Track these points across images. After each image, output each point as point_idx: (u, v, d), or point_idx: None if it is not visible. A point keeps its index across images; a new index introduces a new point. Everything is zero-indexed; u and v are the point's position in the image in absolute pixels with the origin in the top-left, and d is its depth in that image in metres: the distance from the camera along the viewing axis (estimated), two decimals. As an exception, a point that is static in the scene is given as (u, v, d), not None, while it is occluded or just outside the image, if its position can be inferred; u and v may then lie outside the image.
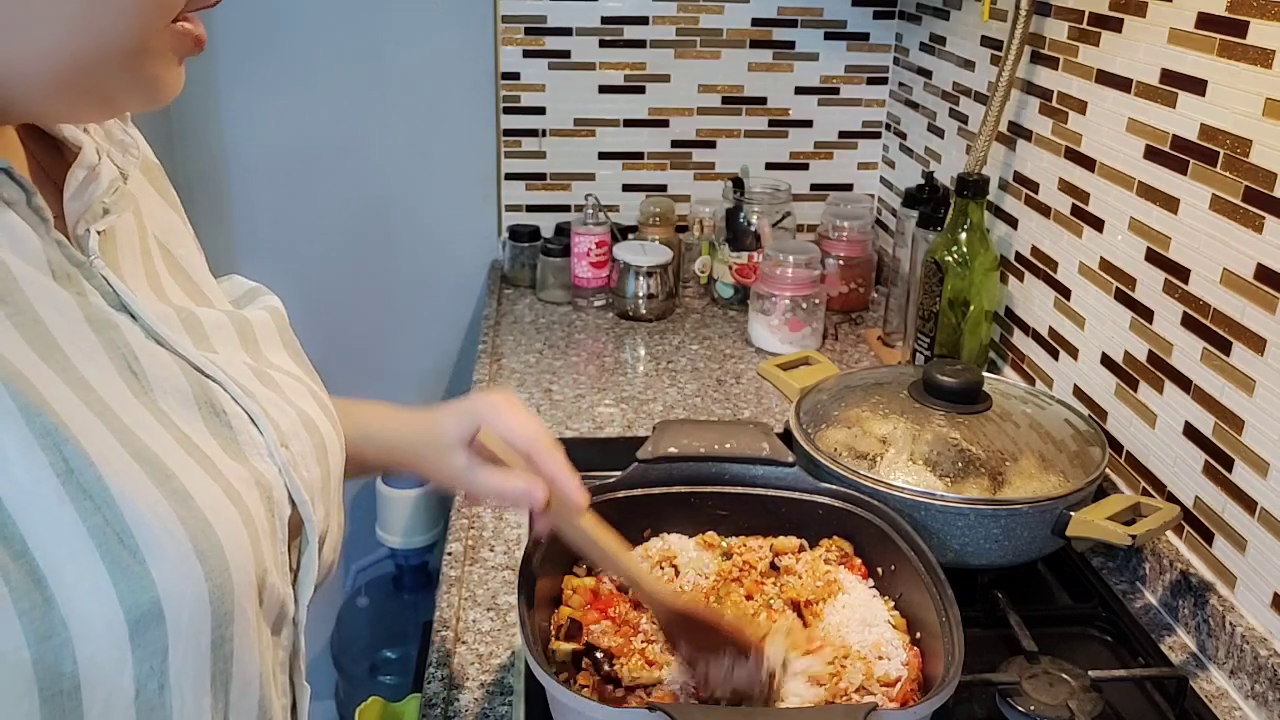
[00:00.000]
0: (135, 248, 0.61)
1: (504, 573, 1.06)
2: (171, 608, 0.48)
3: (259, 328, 0.66)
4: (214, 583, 0.50)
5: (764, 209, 1.72)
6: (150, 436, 0.51)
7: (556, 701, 0.73)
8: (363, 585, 2.04)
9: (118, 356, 0.52)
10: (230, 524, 0.52)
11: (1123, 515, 0.97)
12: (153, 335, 0.56)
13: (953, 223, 1.33)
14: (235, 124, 1.81)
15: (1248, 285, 0.94)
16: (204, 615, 0.50)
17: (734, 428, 0.98)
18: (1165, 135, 1.05)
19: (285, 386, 0.64)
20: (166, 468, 0.50)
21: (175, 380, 0.54)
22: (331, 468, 0.65)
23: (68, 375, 0.49)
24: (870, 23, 1.81)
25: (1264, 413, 0.92)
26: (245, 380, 0.60)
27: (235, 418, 0.57)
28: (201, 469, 0.52)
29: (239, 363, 0.61)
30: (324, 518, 0.63)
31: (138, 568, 0.47)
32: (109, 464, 0.47)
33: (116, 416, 0.50)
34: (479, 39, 1.78)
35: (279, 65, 1.78)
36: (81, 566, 0.46)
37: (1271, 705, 0.88)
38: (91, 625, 0.46)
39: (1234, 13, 0.95)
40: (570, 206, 1.86)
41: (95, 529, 0.46)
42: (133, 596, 0.47)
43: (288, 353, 0.68)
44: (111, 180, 0.59)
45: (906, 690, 0.77)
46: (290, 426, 0.61)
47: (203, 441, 0.54)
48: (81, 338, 0.51)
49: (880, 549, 0.89)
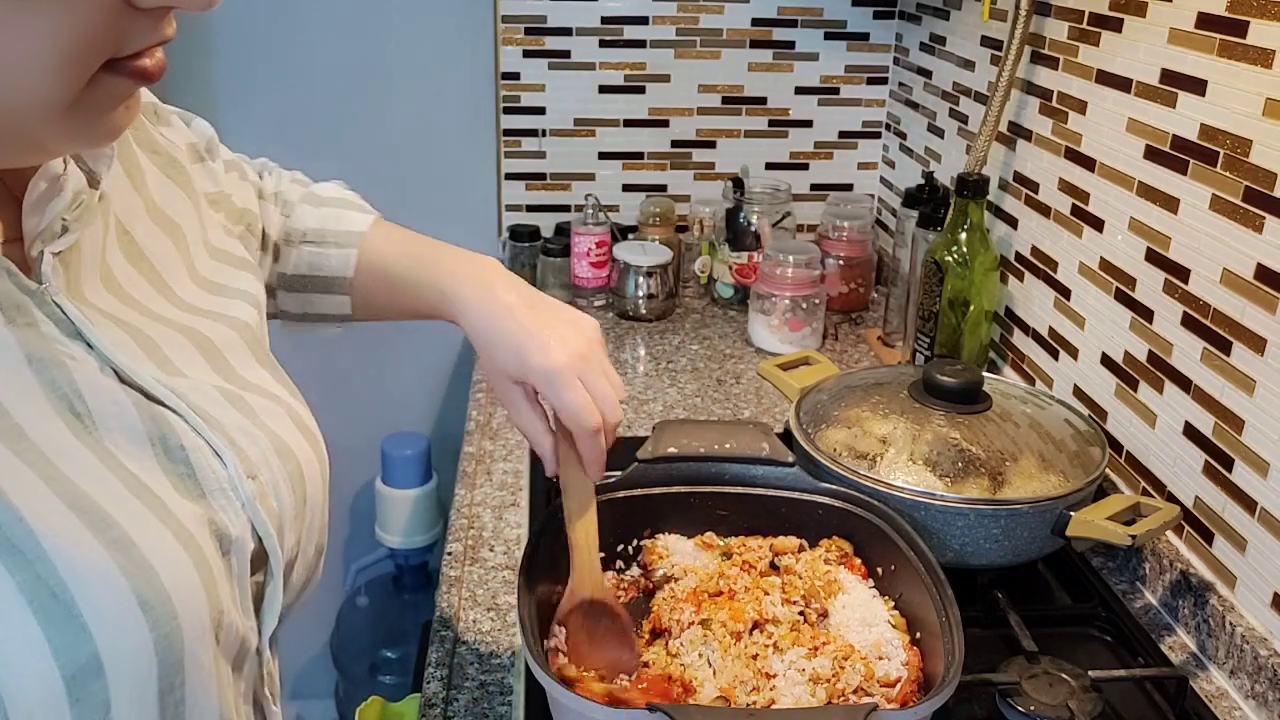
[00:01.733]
0: (96, 248, 0.58)
1: (504, 573, 1.06)
2: (111, 660, 0.46)
3: (225, 346, 0.63)
4: (160, 631, 0.48)
5: (764, 209, 1.72)
6: (90, 482, 0.49)
7: (557, 702, 0.73)
8: (363, 585, 2.04)
9: (59, 397, 0.50)
10: (178, 569, 0.50)
11: (1123, 515, 0.96)
12: (108, 364, 0.53)
13: (953, 223, 1.33)
14: (235, 123, 1.80)
15: (1248, 285, 0.94)
16: (149, 665, 0.48)
17: (734, 428, 0.97)
18: (1165, 135, 1.05)
19: (258, 409, 0.61)
20: (107, 515, 0.48)
21: (125, 417, 0.52)
22: (309, 492, 0.62)
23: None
24: (870, 23, 1.81)
25: (1264, 413, 0.92)
26: (211, 408, 0.58)
27: (195, 451, 0.55)
28: (150, 512, 0.50)
29: (207, 386, 0.59)
30: (294, 545, 0.61)
31: (72, 622, 0.45)
32: (40, 517, 0.46)
33: (51, 464, 0.48)
34: (479, 39, 1.78)
35: (278, 65, 1.78)
36: (13, 623, 0.44)
37: (1271, 705, 0.88)
38: (25, 682, 0.44)
39: (1234, 13, 0.95)
40: (570, 206, 1.86)
41: (25, 584, 0.45)
42: (68, 652, 0.45)
43: (264, 369, 0.65)
44: (76, 193, 0.56)
45: (906, 690, 0.77)
46: (259, 455, 0.58)
47: (153, 481, 0.52)
48: (19, 379, 0.49)
49: (880, 549, 0.89)
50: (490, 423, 1.36)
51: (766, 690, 0.76)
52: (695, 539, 0.93)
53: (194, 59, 1.75)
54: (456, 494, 1.20)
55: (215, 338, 0.63)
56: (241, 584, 0.56)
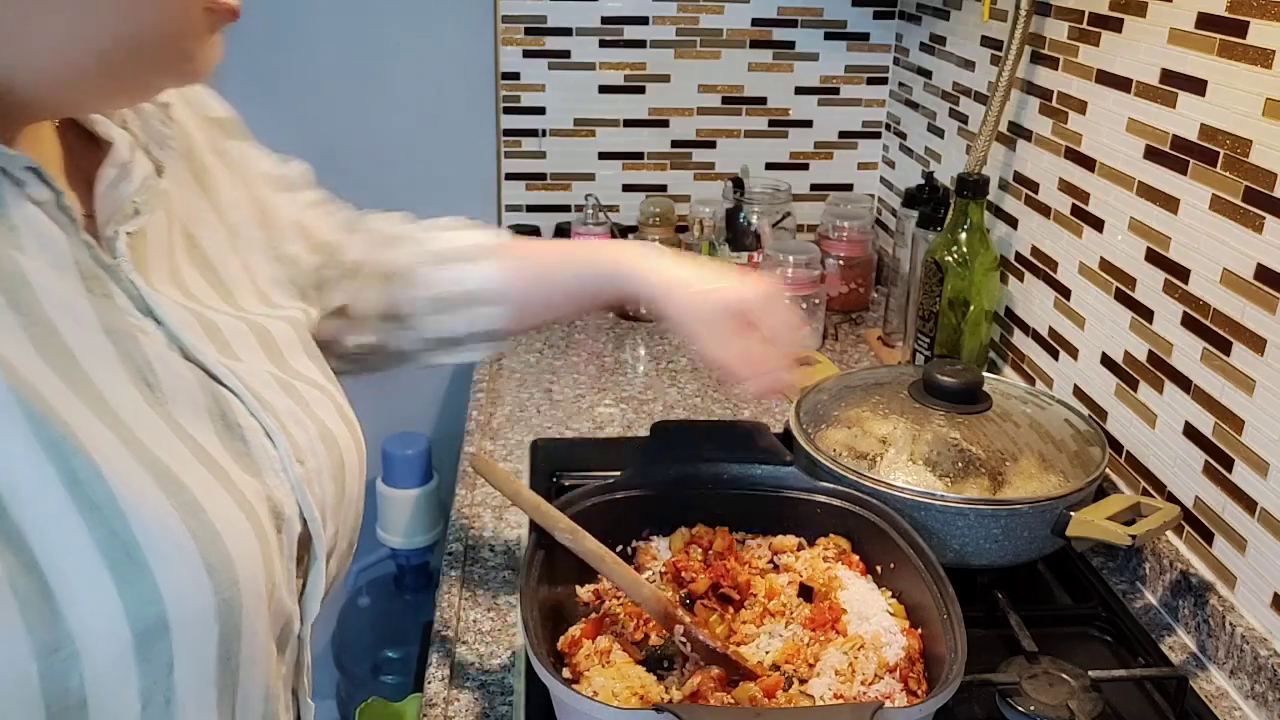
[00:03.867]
0: (163, 244, 0.60)
1: (504, 573, 1.06)
2: (177, 620, 0.47)
3: (280, 336, 0.65)
4: (221, 596, 0.49)
5: (764, 209, 1.72)
6: (163, 447, 0.50)
7: (560, 702, 0.73)
8: (364, 585, 2.04)
9: (132, 367, 0.52)
10: (242, 537, 0.51)
11: (1123, 515, 0.96)
12: (175, 341, 0.55)
13: (953, 223, 1.33)
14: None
15: (1248, 285, 0.94)
16: (210, 628, 0.49)
17: (732, 427, 0.98)
18: (1165, 135, 1.05)
19: (309, 397, 0.63)
20: (178, 479, 0.50)
21: (190, 392, 0.54)
22: (348, 484, 0.64)
23: (80, 386, 0.48)
24: (870, 23, 1.81)
25: (1264, 413, 0.92)
26: (265, 391, 0.59)
27: (250, 431, 0.56)
28: (215, 480, 0.52)
29: (262, 371, 0.61)
30: (333, 535, 0.62)
31: (145, 580, 0.46)
32: (118, 475, 0.47)
33: (128, 427, 0.49)
34: (479, 39, 1.78)
35: (279, 64, 1.78)
36: (88, 578, 0.45)
37: (1271, 705, 0.88)
38: (98, 637, 0.45)
39: (1234, 13, 0.95)
40: (570, 206, 1.86)
41: (102, 540, 0.46)
42: (139, 608, 0.46)
43: (313, 362, 0.68)
44: (144, 178, 0.59)
45: (905, 670, 0.78)
46: (307, 442, 0.60)
47: (217, 453, 0.53)
48: (98, 347, 0.51)
49: (879, 546, 0.89)
50: (490, 423, 1.36)
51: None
52: (670, 538, 0.93)
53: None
54: (457, 494, 1.20)
55: (271, 329, 0.65)
56: (289, 564, 0.57)
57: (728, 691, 0.76)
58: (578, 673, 0.78)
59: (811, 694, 0.76)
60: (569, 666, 0.80)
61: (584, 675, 0.78)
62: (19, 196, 0.50)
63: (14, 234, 0.50)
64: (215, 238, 0.67)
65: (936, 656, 0.78)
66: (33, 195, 0.51)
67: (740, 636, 0.83)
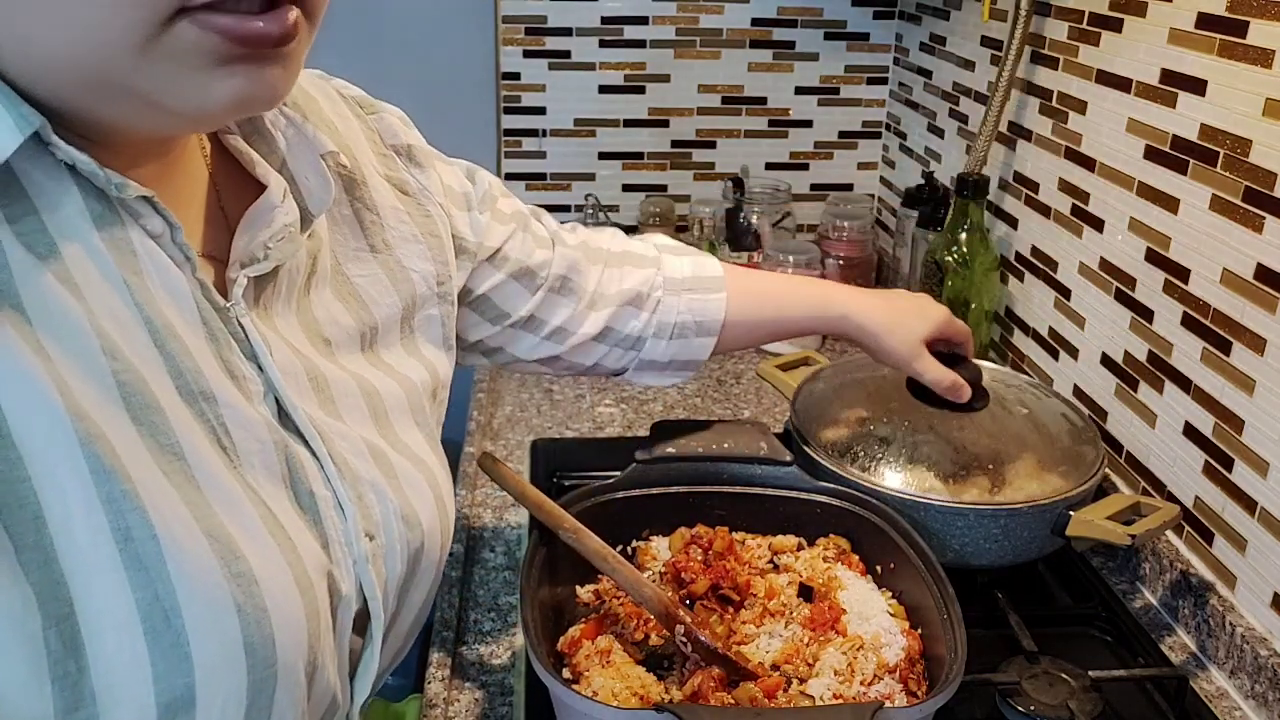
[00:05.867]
0: (296, 285, 0.59)
1: (504, 573, 1.06)
2: (205, 696, 0.46)
3: (389, 399, 0.64)
4: (255, 676, 0.48)
5: (764, 209, 1.72)
6: (230, 513, 0.49)
7: (560, 702, 0.73)
8: (363, 585, 2.04)
9: (208, 429, 0.50)
10: (291, 616, 0.50)
11: (1122, 515, 0.96)
12: (273, 390, 0.54)
13: (953, 223, 1.33)
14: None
15: (1248, 285, 0.94)
16: (238, 708, 0.48)
17: (732, 427, 0.98)
18: (1165, 135, 1.05)
19: (400, 471, 0.61)
20: (237, 547, 0.48)
21: (264, 455, 0.53)
22: (423, 565, 0.62)
23: (157, 439, 0.47)
24: (870, 23, 1.81)
25: (1264, 413, 0.92)
26: (353, 458, 0.58)
27: (320, 500, 0.55)
28: (280, 551, 0.50)
29: (357, 437, 0.59)
30: (393, 615, 0.61)
31: (178, 650, 0.45)
32: (174, 537, 0.46)
33: (198, 488, 0.48)
34: (479, 39, 1.78)
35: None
36: (123, 638, 0.44)
37: (1271, 705, 0.88)
38: (120, 703, 0.44)
39: (1234, 13, 0.95)
40: (570, 206, 1.86)
41: (144, 602, 0.45)
42: (168, 680, 0.45)
43: (421, 432, 0.66)
44: (287, 224, 0.57)
45: (905, 671, 0.78)
46: (384, 517, 0.58)
47: (288, 521, 0.52)
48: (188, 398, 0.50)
49: (879, 546, 0.89)
50: (490, 423, 1.36)
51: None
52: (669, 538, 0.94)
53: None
54: (457, 494, 1.20)
55: (382, 390, 0.63)
56: (341, 643, 0.55)
57: (728, 691, 0.76)
58: (578, 673, 0.78)
59: (811, 694, 0.76)
60: (569, 666, 0.80)
61: (584, 675, 0.78)
62: (138, 229, 0.50)
63: (135, 260, 0.49)
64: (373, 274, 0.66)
65: (936, 657, 0.78)
66: (147, 227, 0.50)
67: (740, 636, 0.83)
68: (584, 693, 0.74)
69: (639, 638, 0.83)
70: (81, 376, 0.45)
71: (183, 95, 0.47)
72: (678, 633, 0.78)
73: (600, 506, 0.90)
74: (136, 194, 0.49)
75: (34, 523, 0.43)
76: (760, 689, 0.75)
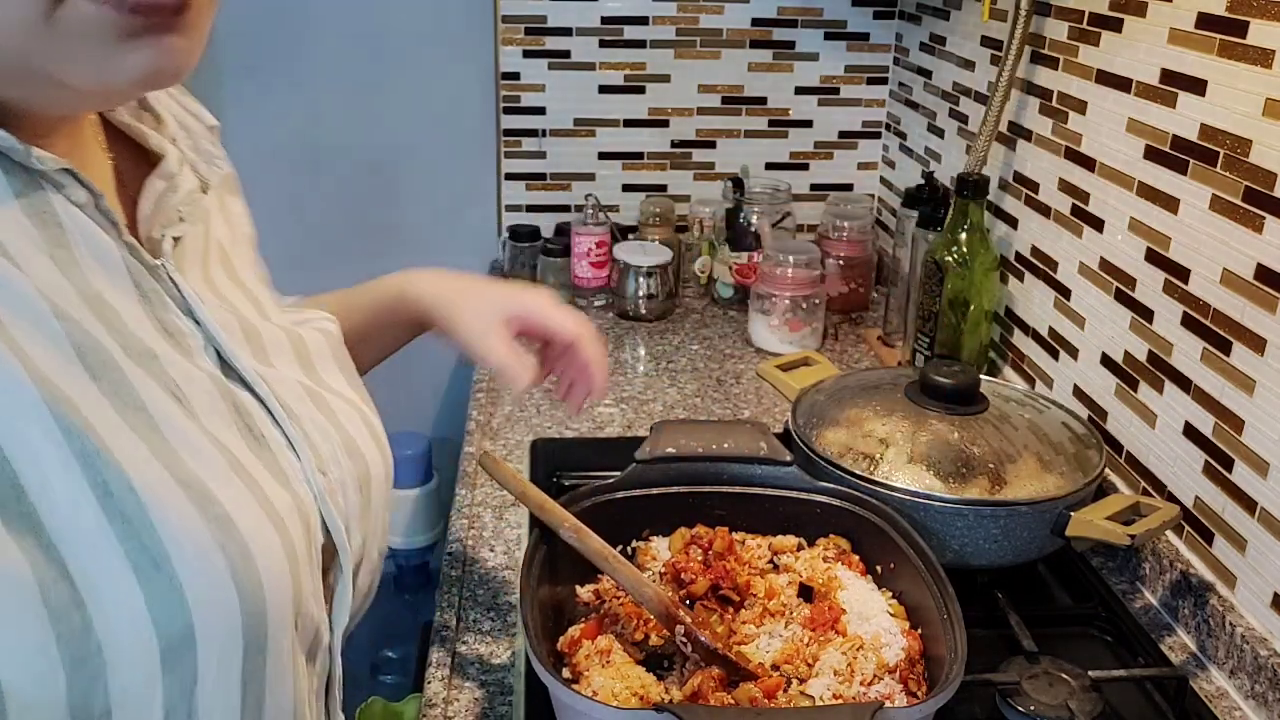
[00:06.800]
0: (199, 256, 0.61)
1: (504, 573, 1.06)
2: (203, 634, 0.47)
3: (313, 345, 0.66)
4: (247, 611, 0.49)
5: (764, 209, 1.72)
6: (197, 459, 0.50)
7: (559, 702, 0.73)
8: (363, 585, 2.04)
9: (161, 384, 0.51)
10: (271, 551, 0.51)
11: (1122, 515, 0.96)
12: (212, 343, 0.56)
13: (953, 223, 1.33)
14: (235, 121, 1.80)
15: (1248, 285, 0.94)
16: (235, 643, 0.49)
17: (731, 427, 0.98)
18: (1165, 135, 1.05)
19: (337, 409, 0.63)
20: (211, 492, 0.50)
21: (215, 405, 0.54)
22: (374, 496, 0.64)
23: (120, 395, 0.48)
24: (870, 23, 1.81)
25: (1264, 413, 0.92)
26: (293, 400, 0.60)
27: (273, 442, 0.56)
28: (249, 493, 0.52)
29: (292, 380, 0.61)
30: (360, 546, 0.62)
31: (173, 593, 0.46)
32: (150, 488, 0.47)
33: (165, 439, 0.49)
34: (479, 39, 1.78)
35: (279, 64, 1.78)
36: (118, 590, 0.45)
37: (1271, 705, 0.88)
38: (125, 650, 0.45)
39: (1234, 13, 0.95)
40: (570, 206, 1.86)
41: (132, 553, 0.46)
42: (166, 622, 0.46)
43: (343, 375, 0.68)
44: (189, 191, 0.59)
45: (905, 671, 0.78)
46: (331, 452, 0.60)
47: (250, 465, 0.54)
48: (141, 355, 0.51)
49: (879, 546, 0.89)
50: (490, 423, 1.36)
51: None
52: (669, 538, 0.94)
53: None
54: (456, 494, 1.20)
55: (306, 338, 0.66)
56: (315, 574, 0.57)
57: (728, 691, 0.76)
58: (578, 673, 0.78)
59: (811, 694, 0.76)
60: (569, 666, 0.80)
61: (584, 675, 0.78)
62: (61, 200, 0.51)
63: (61, 233, 0.50)
64: (247, 257, 0.68)
65: (936, 657, 0.78)
66: (71, 197, 0.51)
67: (740, 636, 0.83)
68: (584, 693, 0.74)
69: (639, 638, 0.83)
70: (37, 342, 0.46)
71: (88, 72, 0.48)
72: (678, 633, 0.78)
73: (600, 506, 0.90)
74: (57, 166, 0.50)
75: (13, 490, 0.44)
76: (760, 689, 0.75)
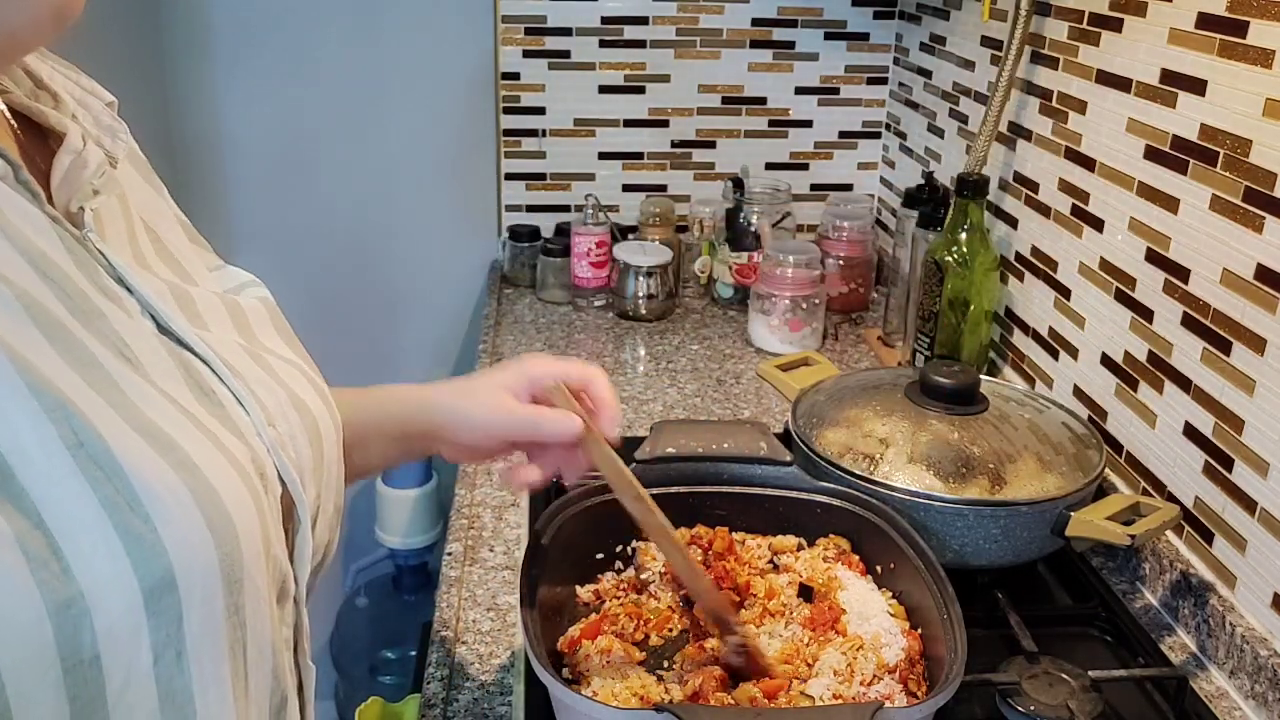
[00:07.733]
0: (121, 231, 0.61)
1: (504, 573, 1.06)
2: (184, 575, 0.48)
3: (251, 313, 0.66)
4: (224, 550, 0.50)
5: (764, 209, 1.72)
6: (154, 410, 0.51)
7: (559, 702, 0.73)
8: (362, 585, 2.04)
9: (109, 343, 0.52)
10: (237, 494, 0.52)
11: (1122, 515, 0.96)
12: (147, 309, 0.56)
13: (953, 223, 1.33)
14: (235, 123, 1.81)
15: (1248, 285, 0.94)
16: (215, 582, 0.50)
17: (731, 427, 0.98)
18: (1165, 135, 1.05)
19: (278, 369, 0.64)
20: (171, 439, 0.50)
21: (163, 362, 0.55)
22: (325, 450, 0.65)
23: (74, 352, 0.49)
24: (870, 23, 1.81)
25: (1264, 413, 0.92)
26: (235, 359, 0.60)
27: (222, 397, 0.57)
28: (207, 440, 0.53)
29: (231, 342, 0.62)
30: (315, 498, 0.63)
31: (150, 536, 0.47)
32: (115, 437, 0.48)
33: (121, 391, 0.50)
34: (479, 39, 1.78)
35: (279, 64, 1.78)
36: (95, 536, 0.46)
37: (1271, 705, 0.88)
38: (108, 594, 0.46)
39: (1234, 13, 0.95)
40: (570, 206, 1.86)
41: (106, 499, 0.47)
42: (146, 565, 0.47)
43: (281, 338, 0.69)
44: (98, 164, 0.59)
45: (905, 672, 0.78)
46: (277, 407, 0.61)
47: (203, 418, 0.54)
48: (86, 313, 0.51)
49: (879, 546, 0.89)
50: (490, 423, 1.36)
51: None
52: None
53: (194, 59, 1.75)
54: (456, 494, 1.20)
55: (244, 305, 0.66)
56: (277, 523, 0.58)
57: (728, 691, 0.76)
58: (578, 673, 0.78)
59: (811, 694, 0.76)
60: (569, 667, 0.80)
61: (584, 675, 0.78)
62: None
63: None
64: (175, 232, 0.67)
65: (936, 657, 0.78)
66: None
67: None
68: (584, 693, 0.74)
69: (639, 638, 0.83)
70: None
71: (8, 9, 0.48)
72: (731, 642, 0.78)
73: (600, 506, 0.90)
74: None
75: None
76: (760, 689, 0.75)
